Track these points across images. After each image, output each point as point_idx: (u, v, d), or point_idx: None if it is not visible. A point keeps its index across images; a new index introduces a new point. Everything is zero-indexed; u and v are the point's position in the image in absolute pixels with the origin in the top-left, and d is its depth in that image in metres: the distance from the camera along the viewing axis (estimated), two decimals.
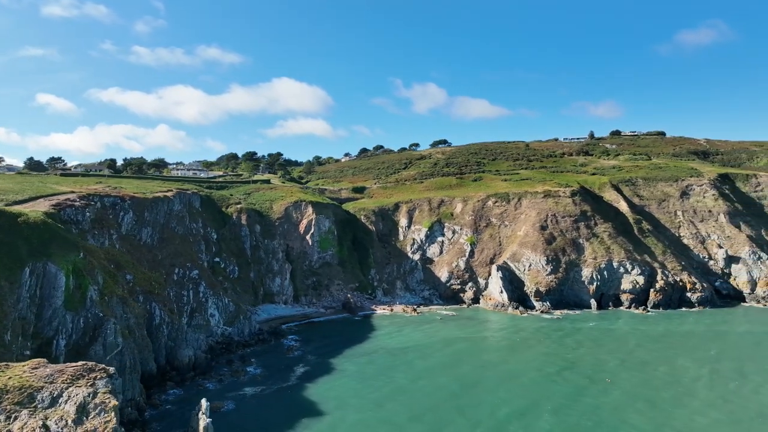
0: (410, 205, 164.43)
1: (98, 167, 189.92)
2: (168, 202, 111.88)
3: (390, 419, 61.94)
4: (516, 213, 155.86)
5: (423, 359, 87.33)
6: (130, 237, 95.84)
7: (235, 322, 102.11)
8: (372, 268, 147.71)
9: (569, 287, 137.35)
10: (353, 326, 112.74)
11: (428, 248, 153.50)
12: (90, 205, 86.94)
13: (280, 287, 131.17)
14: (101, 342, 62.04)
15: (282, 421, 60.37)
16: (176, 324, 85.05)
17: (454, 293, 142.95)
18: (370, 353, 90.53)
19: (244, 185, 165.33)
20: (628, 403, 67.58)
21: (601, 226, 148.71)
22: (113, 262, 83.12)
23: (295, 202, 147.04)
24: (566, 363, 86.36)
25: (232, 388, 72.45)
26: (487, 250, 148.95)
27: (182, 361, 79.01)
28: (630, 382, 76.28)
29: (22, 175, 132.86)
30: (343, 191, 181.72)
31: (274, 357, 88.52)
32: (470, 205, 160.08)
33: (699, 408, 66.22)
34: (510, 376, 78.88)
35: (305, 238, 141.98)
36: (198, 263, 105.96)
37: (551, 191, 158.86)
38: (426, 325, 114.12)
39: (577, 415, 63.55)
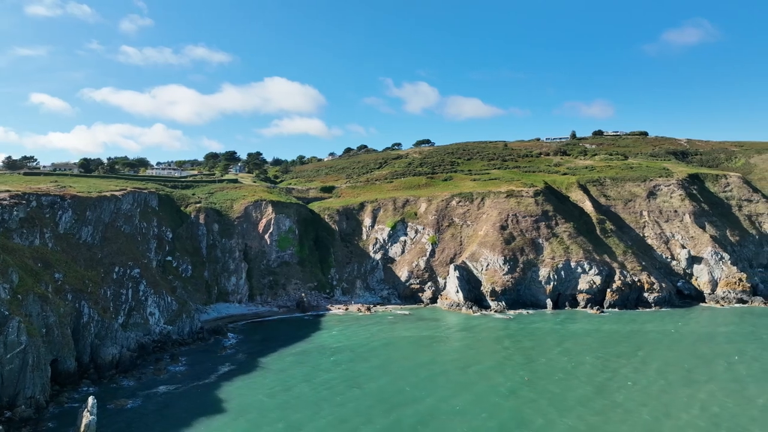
0: (375, 204, 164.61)
1: (68, 167, 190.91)
2: (115, 201, 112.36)
3: (287, 419, 62.17)
4: (479, 213, 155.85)
5: (353, 359, 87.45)
6: (69, 236, 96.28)
7: (177, 321, 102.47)
8: (332, 267, 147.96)
9: (526, 287, 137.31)
10: (300, 325, 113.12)
11: (390, 248, 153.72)
12: (20, 203, 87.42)
13: (235, 286, 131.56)
14: (2, 340, 62.43)
15: (177, 419, 60.73)
16: (106, 322, 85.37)
17: (413, 293, 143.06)
18: (302, 353, 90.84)
19: (209, 185, 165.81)
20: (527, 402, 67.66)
21: (562, 226, 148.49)
22: (41, 260, 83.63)
23: (255, 202, 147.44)
24: (491, 361, 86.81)
25: (147, 386, 72.91)
26: (448, 250, 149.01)
27: (105, 359, 79.44)
28: (547, 380, 76.45)
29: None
30: (311, 191, 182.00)
31: (204, 355, 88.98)
32: (434, 204, 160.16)
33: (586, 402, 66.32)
34: (430, 374, 79.14)
35: (264, 237, 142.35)
36: (141, 262, 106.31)
37: (514, 191, 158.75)
38: (373, 324, 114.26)
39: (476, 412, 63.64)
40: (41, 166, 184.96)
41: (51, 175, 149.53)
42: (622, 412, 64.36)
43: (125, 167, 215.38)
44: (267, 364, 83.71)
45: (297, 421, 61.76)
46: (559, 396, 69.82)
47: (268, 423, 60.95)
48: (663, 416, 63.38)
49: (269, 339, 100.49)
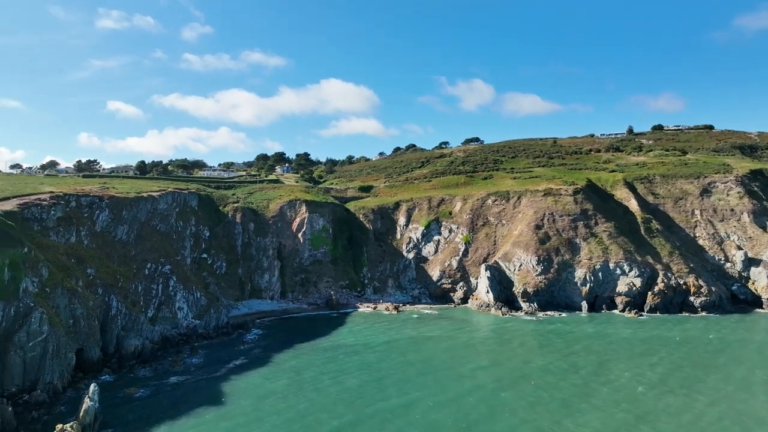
0: (410, 203, 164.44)
1: (126, 169, 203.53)
2: (152, 201, 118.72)
3: (281, 412, 63.59)
4: (514, 212, 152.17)
5: (365, 357, 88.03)
6: (105, 234, 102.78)
7: (205, 316, 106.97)
8: (365, 266, 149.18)
9: (561, 288, 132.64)
10: (324, 323, 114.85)
11: (424, 247, 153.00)
12: (59, 203, 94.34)
13: (268, 283, 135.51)
14: (26, 329, 67.79)
15: (176, 409, 63.56)
16: (133, 315, 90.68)
17: (445, 293, 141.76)
18: (315, 349, 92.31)
19: (250, 185, 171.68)
20: (527, 406, 65.47)
21: (602, 225, 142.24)
22: (75, 256, 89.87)
23: (289, 201, 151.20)
24: (502, 364, 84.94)
25: (160, 377, 76.67)
26: (481, 250, 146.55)
27: (128, 350, 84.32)
28: (555, 386, 73.55)
29: (16, 176, 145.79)
30: (349, 190, 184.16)
31: (222, 349, 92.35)
32: (469, 203, 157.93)
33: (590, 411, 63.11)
34: (438, 376, 78.12)
35: (297, 235, 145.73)
36: (173, 259, 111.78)
37: (552, 189, 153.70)
38: (397, 323, 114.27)
39: (475, 413, 62.43)
40: (101, 169, 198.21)
41: (105, 177, 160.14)
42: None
43: (179, 169, 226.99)
44: (278, 358, 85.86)
45: (290, 414, 63.08)
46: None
47: (261, 415, 62.62)
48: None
49: (290, 335, 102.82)
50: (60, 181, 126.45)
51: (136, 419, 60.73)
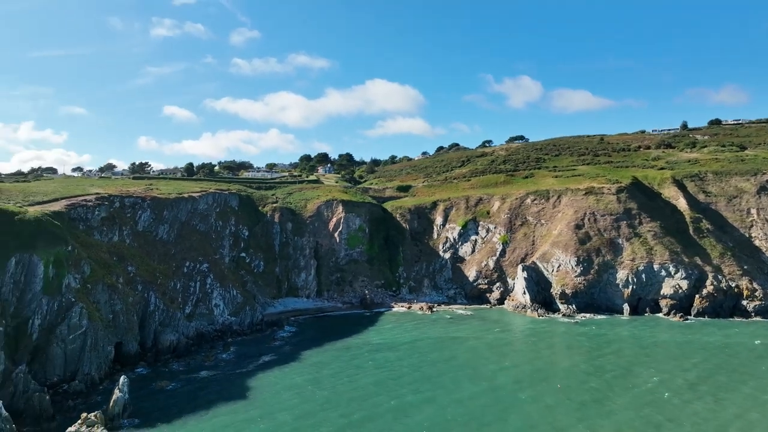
0: (448, 203, 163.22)
1: (174, 171, 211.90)
2: (192, 201, 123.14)
3: (298, 407, 64.75)
4: (554, 211, 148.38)
5: (388, 355, 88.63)
6: (146, 233, 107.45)
7: (240, 313, 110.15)
8: (401, 265, 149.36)
9: (601, 290, 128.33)
10: (356, 322, 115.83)
11: (460, 247, 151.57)
12: (103, 204, 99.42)
13: (305, 282, 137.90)
14: (67, 323, 71.93)
15: (201, 402, 65.88)
16: (170, 311, 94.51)
17: (481, 293, 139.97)
18: (343, 347, 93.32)
19: (290, 185, 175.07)
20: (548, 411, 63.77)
21: (647, 225, 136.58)
22: (116, 254, 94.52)
23: (326, 201, 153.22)
24: (524, 365, 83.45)
25: (192, 371, 79.62)
26: (519, 250, 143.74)
27: (164, 345, 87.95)
28: (575, 389, 71.37)
29: (73, 179, 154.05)
30: (387, 190, 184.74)
31: (253, 345, 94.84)
32: (508, 203, 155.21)
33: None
34: (456, 375, 77.52)
35: (334, 235, 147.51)
36: (212, 257, 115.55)
37: (594, 188, 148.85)
38: (428, 324, 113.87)
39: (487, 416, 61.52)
40: (151, 171, 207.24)
41: (153, 178, 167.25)
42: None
43: (225, 170, 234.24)
44: (304, 355, 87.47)
45: (306, 410, 64.28)
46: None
47: (278, 410, 64.13)
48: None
49: (320, 333, 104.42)
50: (109, 183, 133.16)
51: (163, 410, 63.35)
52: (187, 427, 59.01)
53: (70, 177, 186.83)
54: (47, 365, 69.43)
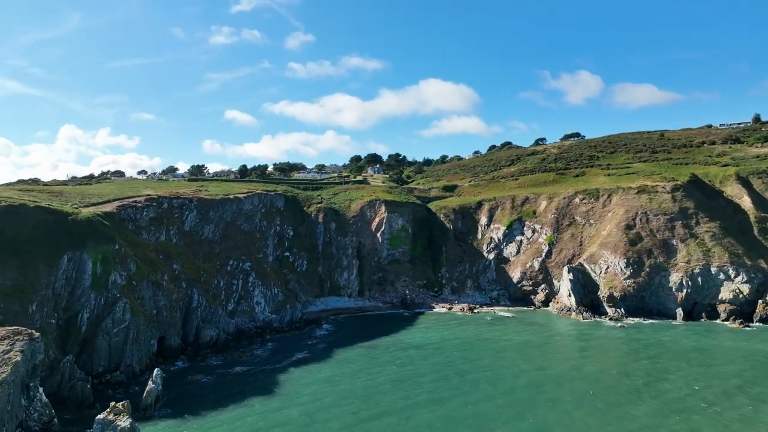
0: (493, 203, 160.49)
1: (228, 173, 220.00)
2: (238, 202, 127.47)
3: (313, 404, 65.88)
4: (603, 211, 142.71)
5: (417, 354, 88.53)
6: (193, 233, 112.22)
7: (281, 311, 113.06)
8: (443, 266, 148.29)
9: (653, 293, 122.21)
10: (394, 321, 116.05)
11: (505, 247, 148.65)
12: (152, 205, 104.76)
13: (347, 281, 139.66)
14: (111, 317, 76.47)
15: (230, 395, 68.11)
16: (212, 308, 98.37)
17: (525, 295, 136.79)
18: (375, 346, 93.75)
19: (337, 186, 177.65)
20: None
21: (705, 225, 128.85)
22: (163, 253, 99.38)
23: (370, 201, 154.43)
24: (549, 368, 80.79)
25: (227, 366, 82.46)
26: (565, 251, 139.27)
27: (204, 340, 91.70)
28: (600, 394, 68.36)
29: (132, 181, 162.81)
30: (433, 190, 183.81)
31: (290, 342, 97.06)
32: (555, 202, 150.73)
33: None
34: (476, 376, 76.25)
35: (376, 235, 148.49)
36: (255, 256, 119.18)
37: (647, 186, 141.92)
38: (467, 325, 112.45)
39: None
40: (207, 173, 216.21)
41: (207, 180, 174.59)
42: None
43: (277, 172, 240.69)
44: (336, 353, 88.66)
45: (318, 406, 65.46)
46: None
47: (292, 405, 65.64)
48: None
49: (356, 332, 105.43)
50: (163, 185, 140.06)
51: (194, 402, 66.08)
52: (210, 417, 61.30)
53: (135, 179, 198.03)
54: (93, 356, 74.07)
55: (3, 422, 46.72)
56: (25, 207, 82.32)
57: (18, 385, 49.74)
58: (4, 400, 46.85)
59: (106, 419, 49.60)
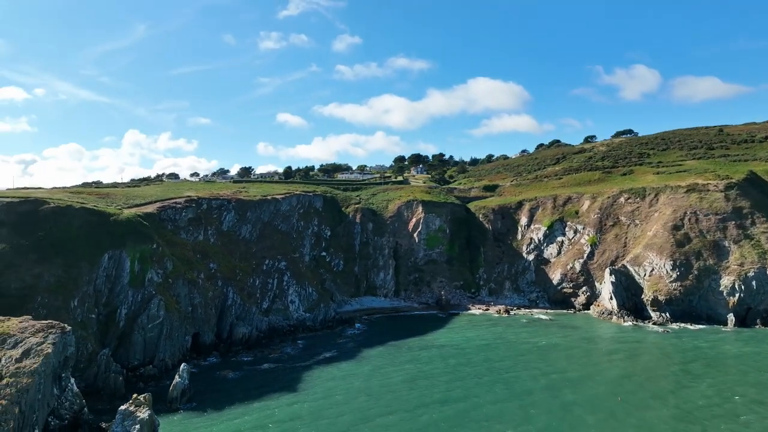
0: (534, 203, 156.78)
1: (272, 174, 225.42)
2: (275, 203, 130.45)
3: (337, 402, 66.46)
4: (650, 210, 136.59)
5: (440, 356, 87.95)
6: (230, 233, 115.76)
7: (315, 310, 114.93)
8: (481, 267, 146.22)
9: (701, 298, 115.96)
10: (428, 322, 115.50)
11: (546, 248, 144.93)
12: (191, 206, 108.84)
13: (383, 281, 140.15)
14: (146, 313, 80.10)
15: (254, 391, 69.82)
16: (246, 306, 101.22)
17: (565, 297, 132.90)
18: (403, 347, 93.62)
19: (376, 186, 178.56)
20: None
21: (761, 225, 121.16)
22: (200, 252, 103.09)
23: (407, 202, 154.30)
24: (570, 372, 78.19)
25: (256, 362, 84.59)
26: (608, 252, 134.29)
27: (236, 337, 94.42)
28: (615, 399, 65.37)
29: (176, 183, 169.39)
30: (473, 190, 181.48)
31: (320, 341, 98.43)
32: (598, 202, 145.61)
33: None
34: (495, 378, 75.06)
35: (413, 235, 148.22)
36: (290, 256, 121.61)
37: (698, 185, 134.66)
38: (501, 327, 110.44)
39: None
40: (254, 174, 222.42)
41: (253, 182, 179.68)
42: None
43: (321, 173, 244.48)
44: (362, 353, 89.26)
45: (327, 403, 66.36)
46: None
47: (306, 401, 66.85)
48: None
49: (387, 332, 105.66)
50: (207, 186, 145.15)
51: (218, 396, 68.25)
52: (228, 411, 63.30)
53: (188, 181, 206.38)
54: (129, 350, 77.83)
55: (34, 409, 49.91)
56: (72, 208, 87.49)
57: (49, 375, 52.97)
58: (35, 389, 50.04)
59: (127, 410, 52.10)
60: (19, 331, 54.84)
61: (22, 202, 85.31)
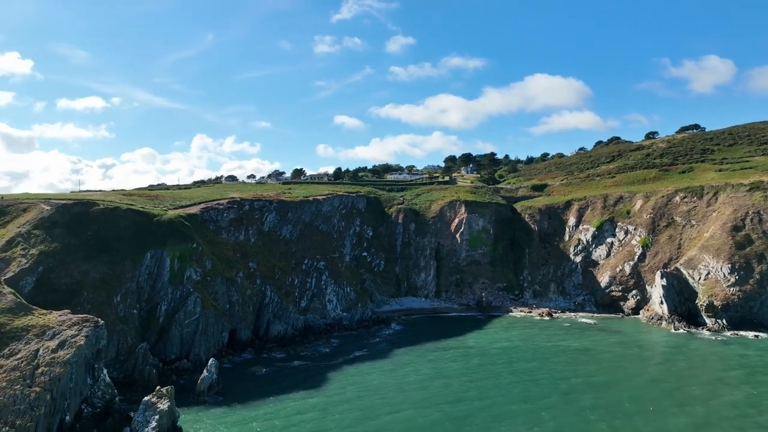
0: (583, 202, 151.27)
1: (322, 176, 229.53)
2: (316, 204, 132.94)
3: (363, 404, 66.76)
4: (707, 210, 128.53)
5: (470, 359, 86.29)
6: (271, 233, 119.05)
7: (352, 309, 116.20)
8: (525, 268, 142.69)
9: (763, 304, 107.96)
10: (465, 324, 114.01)
11: (594, 250, 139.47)
12: (233, 207, 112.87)
13: (424, 282, 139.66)
14: (184, 310, 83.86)
15: (281, 387, 71.50)
16: (283, 304, 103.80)
17: (613, 301, 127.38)
18: (435, 348, 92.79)
19: (421, 186, 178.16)
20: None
21: None
22: (240, 251, 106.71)
23: (450, 202, 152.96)
24: (594, 376, 74.99)
25: (288, 360, 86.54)
26: (661, 254, 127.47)
27: (272, 334, 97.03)
28: (631, 407, 61.71)
29: (222, 185, 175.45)
30: (521, 189, 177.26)
31: (353, 341, 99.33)
32: (652, 201, 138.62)
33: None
34: (522, 386, 72.34)
35: (455, 236, 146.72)
36: (330, 256, 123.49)
37: (762, 183, 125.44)
38: (539, 330, 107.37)
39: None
40: (304, 176, 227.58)
41: (299, 183, 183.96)
42: None
43: (371, 173, 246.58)
44: (392, 353, 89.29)
45: (349, 399, 67.39)
46: None
47: (316, 397, 67.77)
48: None
49: (422, 333, 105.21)
50: (253, 188, 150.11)
51: (246, 391, 70.46)
52: (251, 404, 65.34)
53: (246, 183, 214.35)
54: (167, 344, 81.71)
55: (65, 397, 53.59)
56: (119, 210, 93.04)
57: (82, 366, 56.67)
58: (67, 377, 53.72)
59: (149, 401, 54.94)
60: (57, 323, 59.00)
61: (75, 204, 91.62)
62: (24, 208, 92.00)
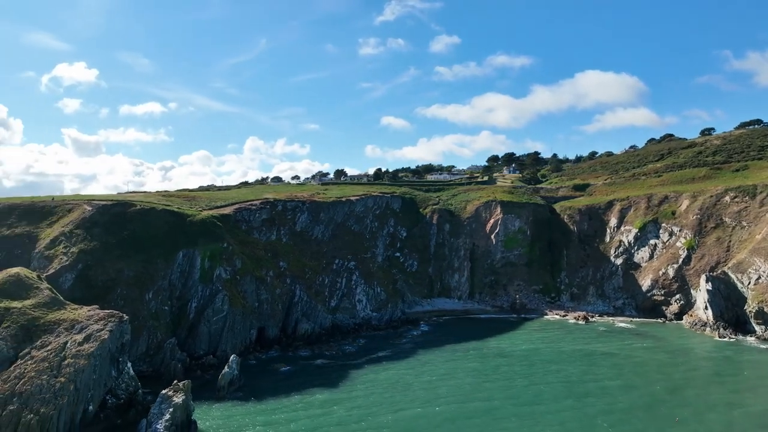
0: (625, 203, 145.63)
1: (362, 177, 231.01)
2: (349, 204, 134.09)
3: (376, 403, 66.96)
4: (760, 211, 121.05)
5: (489, 363, 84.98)
6: (303, 233, 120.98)
7: (382, 309, 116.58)
8: (563, 270, 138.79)
9: None
10: (495, 326, 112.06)
11: (636, 252, 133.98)
12: (265, 207, 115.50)
13: (457, 283, 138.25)
14: (212, 307, 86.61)
15: (300, 385, 72.54)
16: (312, 303, 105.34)
17: (655, 305, 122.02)
18: (458, 350, 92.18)
19: (458, 187, 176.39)
20: None
21: None
22: (271, 251, 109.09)
23: (485, 203, 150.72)
24: (613, 381, 72.34)
25: (312, 358, 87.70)
26: (708, 257, 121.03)
27: (299, 333, 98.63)
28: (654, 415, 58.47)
29: (259, 186, 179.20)
30: (561, 190, 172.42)
31: (379, 341, 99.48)
32: (699, 201, 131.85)
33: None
34: (516, 391, 70.61)
35: (490, 237, 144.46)
36: (361, 256, 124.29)
37: None
38: (571, 335, 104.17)
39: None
40: (344, 176, 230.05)
41: (338, 184, 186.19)
42: None
43: (411, 174, 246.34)
44: (415, 354, 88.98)
45: (354, 397, 67.62)
46: None
47: (325, 394, 68.89)
48: None
49: (449, 334, 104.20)
50: (289, 188, 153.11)
51: (266, 387, 71.99)
52: (268, 400, 66.93)
53: (289, 183, 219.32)
54: (196, 340, 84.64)
55: (89, 387, 56.55)
56: (155, 210, 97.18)
57: (106, 358, 59.63)
58: (90, 369, 56.68)
59: (166, 394, 57.14)
60: (86, 318, 62.34)
61: (114, 205, 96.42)
62: (69, 208, 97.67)
